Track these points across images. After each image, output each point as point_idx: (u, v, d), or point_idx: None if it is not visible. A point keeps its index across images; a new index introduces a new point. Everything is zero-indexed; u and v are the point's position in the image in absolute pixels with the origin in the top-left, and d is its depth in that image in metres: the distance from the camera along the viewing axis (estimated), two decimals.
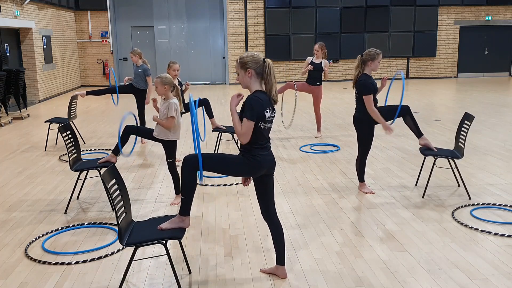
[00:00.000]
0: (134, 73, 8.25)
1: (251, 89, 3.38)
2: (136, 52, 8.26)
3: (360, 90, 5.28)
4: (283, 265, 3.63)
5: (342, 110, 11.86)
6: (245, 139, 3.30)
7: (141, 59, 8.26)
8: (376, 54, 5.29)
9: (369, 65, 5.29)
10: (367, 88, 5.21)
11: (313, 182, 6.03)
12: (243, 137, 3.29)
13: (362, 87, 5.24)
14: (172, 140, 5.15)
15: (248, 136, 3.28)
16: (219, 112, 11.51)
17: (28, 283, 3.63)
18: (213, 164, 3.39)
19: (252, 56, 3.35)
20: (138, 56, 8.24)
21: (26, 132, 9.61)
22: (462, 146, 5.37)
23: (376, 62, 5.28)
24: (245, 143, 3.32)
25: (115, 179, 3.32)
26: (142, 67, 8.21)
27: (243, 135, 3.28)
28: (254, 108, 3.25)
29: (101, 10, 18.14)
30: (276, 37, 18.59)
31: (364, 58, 5.31)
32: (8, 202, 5.46)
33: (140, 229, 3.39)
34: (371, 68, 5.31)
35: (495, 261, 3.85)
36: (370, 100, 5.21)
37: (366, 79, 5.26)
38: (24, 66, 13.72)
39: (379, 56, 5.29)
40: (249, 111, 3.25)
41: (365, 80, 5.25)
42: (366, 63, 5.31)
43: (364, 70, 5.32)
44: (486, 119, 10.15)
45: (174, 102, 5.04)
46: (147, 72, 8.20)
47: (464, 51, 19.65)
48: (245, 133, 3.27)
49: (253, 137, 3.31)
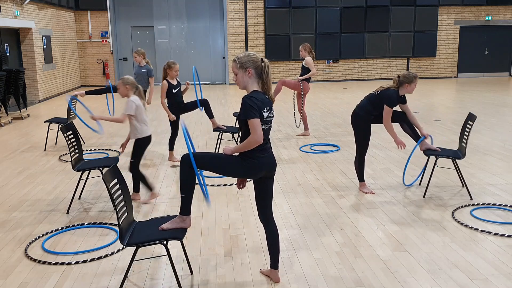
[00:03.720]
0: (137, 73, 8.24)
1: (248, 90, 3.36)
2: (140, 52, 8.26)
3: (386, 98, 5.22)
4: (276, 269, 3.60)
5: (342, 110, 11.86)
6: (260, 138, 3.22)
7: (144, 59, 8.26)
8: (414, 77, 5.24)
9: (405, 87, 5.26)
10: (392, 101, 5.22)
11: (313, 182, 6.03)
12: (258, 138, 3.21)
13: (389, 98, 5.21)
14: (141, 139, 5.19)
15: (261, 133, 3.22)
16: (219, 112, 11.52)
17: (28, 283, 3.63)
18: (209, 163, 3.37)
19: (250, 56, 3.34)
20: (142, 56, 8.24)
21: (26, 132, 9.62)
22: (465, 146, 5.38)
23: (413, 86, 5.25)
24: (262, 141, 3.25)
25: (116, 179, 3.32)
26: (146, 67, 8.21)
27: (257, 136, 3.20)
28: (252, 106, 3.20)
29: (101, 10, 18.14)
30: (276, 37, 18.59)
31: (401, 80, 5.26)
32: (8, 202, 5.46)
33: (141, 229, 3.39)
34: (406, 91, 5.29)
35: (495, 261, 3.85)
36: (390, 114, 5.23)
37: (397, 95, 5.25)
38: (24, 66, 13.72)
39: (416, 79, 5.25)
40: (249, 110, 3.20)
41: (395, 93, 5.23)
42: (402, 84, 5.27)
43: (399, 90, 5.29)
44: (486, 119, 10.15)
45: (131, 100, 5.14)
46: (151, 73, 8.21)
47: (464, 51, 19.66)
48: (257, 133, 3.20)
49: None
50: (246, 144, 3.25)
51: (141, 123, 5.21)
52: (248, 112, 3.21)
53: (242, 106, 3.24)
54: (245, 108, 3.22)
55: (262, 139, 3.25)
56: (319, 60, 18.72)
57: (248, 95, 3.29)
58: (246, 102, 3.23)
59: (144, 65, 8.20)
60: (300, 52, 8.78)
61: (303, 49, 8.73)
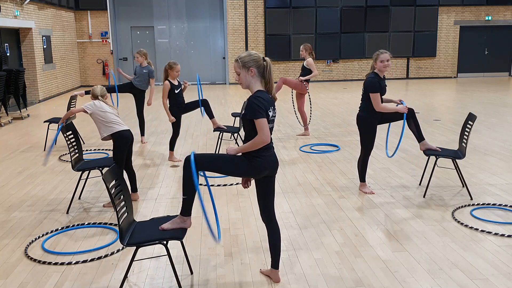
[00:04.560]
0: (137, 73, 8.25)
1: (252, 89, 3.35)
2: (142, 52, 8.27)
3: (366, 87, 5.30)
4: (277, 269, 3.60)
5: (342, 110, 11.86)
6: (268, 138, 3.23)
7: (146, 60, 8.27)
8: (376, 54, 5.35)
9: (376, 67, 5.36)
10: (374, 85, 5.24)
11: (313, 182, 6.03)
12: (266, 137, 3.22)
13: (369, 84, 5.26)
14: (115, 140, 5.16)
15: (268, 133, 3.23)
16: (219, 112, 11.52)
17: (28, 283, 3.63)
18: (214, 164, 3.36)
19: (252, 55, 3.34)
20: (144, 57, 8.26)
21: (26, 132, 9.62)
22: (465, 146, 5.38)
23: (379, 63, 5.29)
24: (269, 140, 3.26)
25: (116, 179, 3.31)
26: (147, 68, 8.22)
27: (264, 136, 3.21)
28: (260, 106, 3.20)
29: (101, 10, 18.15)
30: (276, 37, 18.59)
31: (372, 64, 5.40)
32: (8, 202, 5.46)
33: (141, 229, 3.39)
34: (378, 70, 5.35)
35: (495, 261, 3.85)
36: (377, 99, 5.22)
37: (374, 77, 5.29)
38: (24, 66, 13.72)
39: (378, 56, 5.31)
40: (256, 111, 3.19)
41: (372, 78, 5.28)
42: (373, 67, 5.40)
43: (374, 69, 5.38)
44: (486, 119, 10.15)
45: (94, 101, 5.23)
46: (152, 74, 8.23)
47: (464, 51, 19.66)
48: (264, 133, 3.20)
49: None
50: (252, 144, 3.25)
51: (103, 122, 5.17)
52: (256, 112, 3.20)
53: (249, 106, 3.23)
54: (252, 108, 3.21)
55: (269, 139, 3.26)
56: (319, 60, 18.72)
57: (254, 95, 3.28)
58: (253, 102, 3.22)
59: (146, 65, 8.21)
60: (300, 52, 8.79)
61: (304, 49, 8.73)
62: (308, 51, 8.71)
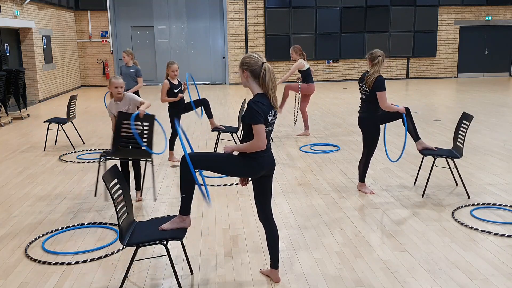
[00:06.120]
0: (124, 73, 8.29)
1: (252, 91, 3.35)
2: (129, 52, 8.32)
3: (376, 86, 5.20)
4: (277, 269, 3.60)
5: (342, 110, 11.85)
6: (264, 144, 3.24)
7: (132, 60, 8.32)
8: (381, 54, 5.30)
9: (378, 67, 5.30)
10: (383, 85, 5.19)
11: (313, 182, 6.03)
12: (262, 143, 3.23)
13: (380, 83, 5.19)
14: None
15: (264, 139, 3.23)
16: (219, 112, 11.52)
17: (28, 283, 3.63)
18: (211, 163, 3.37)
19: (252, 57, 3.31)
20: (130, 56, 8.29)
21: (26, 132, 9.61)
22: (461, 145, 5.38)
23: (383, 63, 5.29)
24: (265, 147, 3.27)
25: (116, 179, 3.31)
26: (134, 67, 8.28)
27: (260, 141, 3.21)
28: (258, 111, 3.20)
29: (101, 10, 18.14)
30: (276, 37, 18.59)
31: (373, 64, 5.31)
32: (8, 202, 5.46)
33: (141, 229, 3.39)
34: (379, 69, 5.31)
35: (495, 261, 3.85)
36: (385, 97, 5.21)
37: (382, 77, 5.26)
38: (24, 66, 13.72)
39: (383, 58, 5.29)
40: (254, 116, 3.19)
41: (381, 77, 5.24)
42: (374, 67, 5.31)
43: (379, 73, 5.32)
44: (486, 119, 10.15)
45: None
46: (139, 73, 8.29)
47: (464, 51, 19.66)
48: (260, 139, 3.21)
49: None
50: (248, 147, 3.27)
51: None
52: (253, 117, 3.20)
53: (248, 110, 3.24)
54: (251, 112, 3.21)
55: (265, 145, 3.26)
56: (319, 60, 18.73)
57: (253, 100, 3.27)
58: (251, 107, 3.21)
59: (132, 65, 8.28)
60: (291, 55, 8.66)
61: (294, 51, 8.61)
62: (298, 52, 8.59)
